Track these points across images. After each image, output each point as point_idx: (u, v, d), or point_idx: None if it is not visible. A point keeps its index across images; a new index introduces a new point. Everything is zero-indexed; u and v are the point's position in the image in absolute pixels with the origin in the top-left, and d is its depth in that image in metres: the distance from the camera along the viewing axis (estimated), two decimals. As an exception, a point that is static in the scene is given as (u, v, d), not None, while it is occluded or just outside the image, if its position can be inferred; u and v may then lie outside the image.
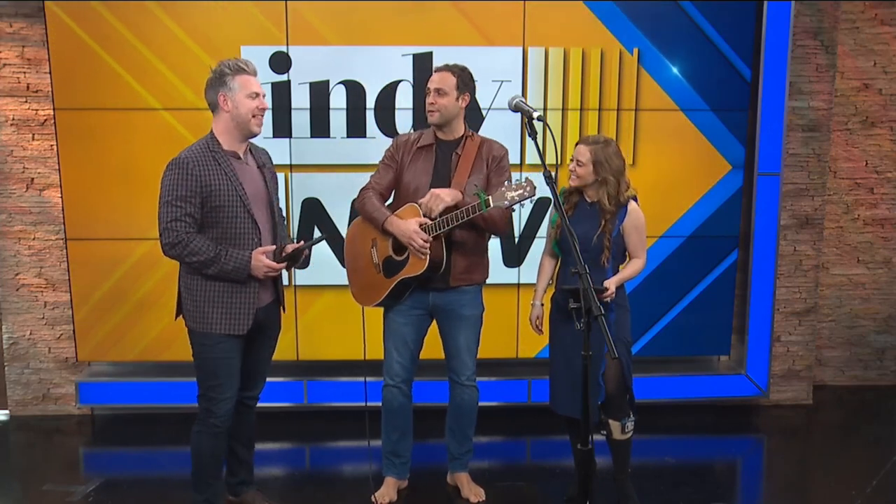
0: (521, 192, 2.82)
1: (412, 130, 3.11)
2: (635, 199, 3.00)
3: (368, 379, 3.44)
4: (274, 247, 2.76)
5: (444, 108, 2.96)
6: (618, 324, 2.96)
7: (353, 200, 3.09)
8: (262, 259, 2.69)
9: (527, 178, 2.86)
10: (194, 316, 2.75)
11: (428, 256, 2.89)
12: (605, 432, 3.04)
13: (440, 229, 2.88)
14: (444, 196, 2.86)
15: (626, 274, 2.99)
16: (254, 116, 2.73)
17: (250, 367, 2.93)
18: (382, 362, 3.16)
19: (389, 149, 3.09)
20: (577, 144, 2.98)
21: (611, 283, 2.89)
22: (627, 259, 3.07)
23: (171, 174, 2.65)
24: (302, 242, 2.85)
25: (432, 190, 2.90)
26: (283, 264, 2.77)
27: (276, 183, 2.97)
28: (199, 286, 2.72)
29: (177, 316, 2.85)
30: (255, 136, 2.81)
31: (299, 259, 2.84)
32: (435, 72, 3.02)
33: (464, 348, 3.11)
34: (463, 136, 3.04)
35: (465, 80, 3.00)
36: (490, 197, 2.82)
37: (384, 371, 3.14)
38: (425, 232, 2.88)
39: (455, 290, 3.05)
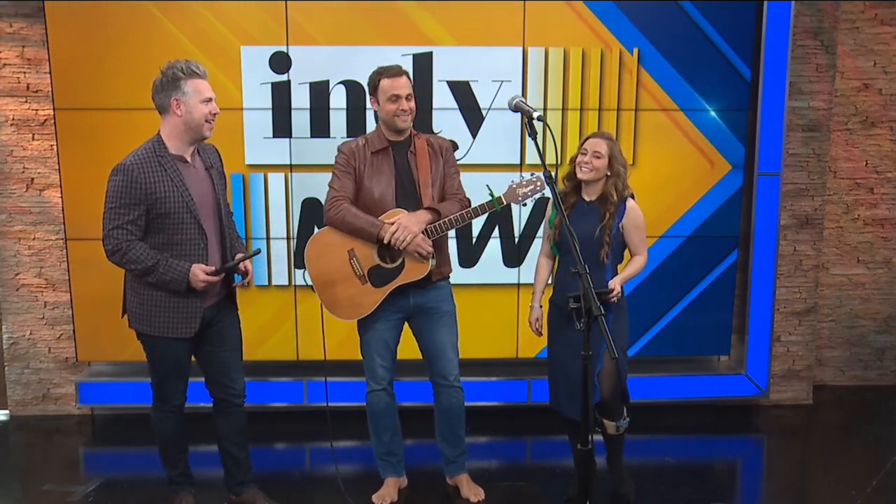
0: (531, 187, 2.93)
1: (369, 133, 3.06)
2: (632, 197, 3.03)
3: (330, 379, 3.49)
4: (213, 268, 2.74)
5: (413, 110, 2.98)
6: (615, 325, 2.96)
7: (326, 213, 2.97)
8: (198, 274, 2.69)
9: (535, 174, 2.96)
10: (140, 319, 2.78)
11: (430, 260, 2.92)
12: (599, 429, 3.09)
13: (443, 231, 2.91)
14: (413, 227, 2.87)
15: (629, 272, 3.00)
16: (207, 121, 2.72)
17: (214, 363, 2.94)
18: (364, 369, 3.13)
19: (342, 156, 2.99)
20: (588, 139, 3.01)
21: (616, 283, 2.91)
22: (627, 258, 3.07)
23: (116, 180, 2.65)
24: (239, 256, 2.86)
25: (399, 220, 2.88)
26: (220, 276, 2.77)
27: (224, 183, 2.95)
28: (145, 290, 2.74)
29: (122, 314, 2.88)
30: (205, 139, 2.80)
31: (235, 272, 2.86)
32: (394, 76, 2.93)
33: (449, 346, 3.10)
34: (410, 135, 3.04)
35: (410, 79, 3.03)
36: (502, 195, 2.91)
37: (368, 377, 3.12)
38: (427, 235, 2.90)
39: (433, 286, 3.05)
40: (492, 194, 2.89)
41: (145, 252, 2.66)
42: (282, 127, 3.89)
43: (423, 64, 3.81)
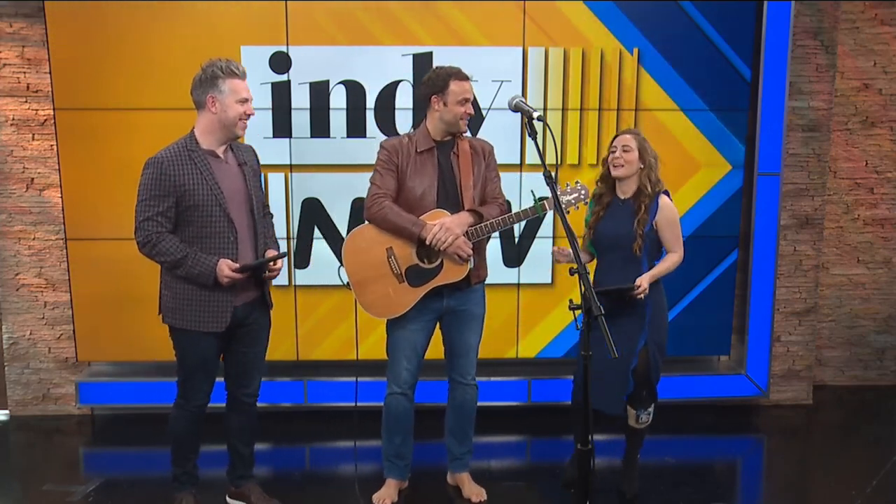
0: (576, 195, 2.98)
1: (411, 131, 3.08)
2: (667, 194, 3.06)
3: (360, 378, 3.46)
4: (237, 265, 2.75)
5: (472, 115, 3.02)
6: (652, 324, 3.01)
7: (368, 209, 2.95)
8: (224, 269, 2.72)
9: (579, 181, 3.03)
10: (173, 312, 2.81)
11: (468, 263, 2.94)
12: (623, 418, 3.16)
13: (484, 234, 2.93)
14: (455, 229, 2.88)
15: (661, 269, 3.02)
16: (241, 120, 2.76)
17: (239, 363, 2.98)
18: (388, 370, 3.12)
19: (384, 152, 2.98)
20: (615, 137, 3.07)
21: (643, 280, 2.93)
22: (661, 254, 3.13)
23: (147, 173, 2.71)
24: (267, 254, 2.89)
25: (442, 221, 2.88)
26: (244, 274, 2.78)
27: (259, 180, 2.98)
28: (178, 284, 2.78)
29: (158, 312, 2.90)
30: (238, 138, 2.84)
31: (262, 271, 2.87)
32: (464, 79, 2.96)
33: (473, 347, 3.14)
34: (454, 136, 3.04)
35: None
36: (545, 202, 2.93)
37: (391, 379, 3.10)
38: (468, 237, 2.91)
39: (470, 289, 3.06)
40: (535, 200, 2.91)
41: (175, 245, 2.70)
42: (282, 127, 3.89)
43: (423, 64, 3.81)
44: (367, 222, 2.99)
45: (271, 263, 2.87)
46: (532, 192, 3.00)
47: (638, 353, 2.98)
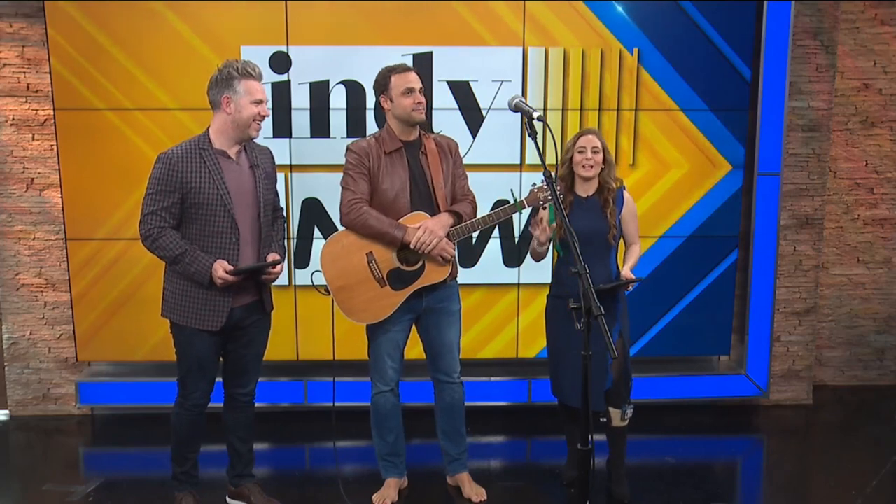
0: (551, 191, 2.96)
1: (376, 132, 3.05)
2: (624, 188, 3.16)
3: (337, 379, 3.47)
4: (232, 267, 2.76)
5: (424, 104, 2.99)
6: (622, 315, 3.08)
7: (346, 216, 2.94)
8: (218, 269, 2.73)
9: (556, 178, 3.03)
10: (172, 308, 2.85)
11: (451, 263, 2.94)
12: (603, 419, 3.14)
13: (465, 234, 2.94)
14: (439, 231, 2.88)
15: (634, 262, 3.11)
16: (254, 121, 2.78)
17: (236, 364, 3.00)
18: (371, 371, 3.13)
19: (354, 156, 2.96)
20: (581, 136, 3.06)
21: (628, 273, 3.03)
22: (624, 248, 3.19)
23: (157, 167, 2.75)
24: (268, 258, 2.89)
25: (424, 224, 2.88)
26: (238, 277, 2.78)
27: (272, 183, 2.98)
28: (179, 280, 2.81)
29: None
30: (252, 139, 2.85)
31: (259, 274, 2.87)
32: (405, 71, 2.95)
33: (455, 344, 3.14)
34: (420, 135, 3.03)
35: None
36: (524, 199, 2.93)
37: (376, 378, 3.11)
38: (450, 238, 2.92)
39: (445, 286, 3.06)
40: (515, 198, 2.93)
41: (175, 241, 2.73)
42: (282, 127, 3.89)
43: (423, 64, 3.81)
44: (343, 228, 2.99)
45: (270, 267, 2.87)
46: (511, 190, 3.02)
47: (615, 345, 3.02)
